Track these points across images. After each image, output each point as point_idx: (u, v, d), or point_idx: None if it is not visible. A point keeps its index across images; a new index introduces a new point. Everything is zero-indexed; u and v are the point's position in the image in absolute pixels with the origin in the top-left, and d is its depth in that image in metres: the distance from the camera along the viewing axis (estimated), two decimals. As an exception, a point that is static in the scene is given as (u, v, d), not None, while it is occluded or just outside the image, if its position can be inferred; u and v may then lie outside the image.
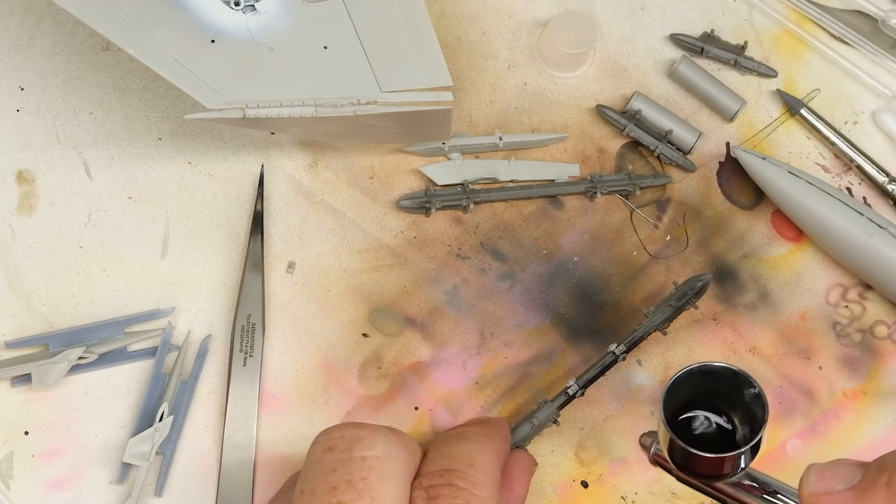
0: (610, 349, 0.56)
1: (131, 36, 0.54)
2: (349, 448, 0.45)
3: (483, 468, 0.47)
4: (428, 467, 0.47)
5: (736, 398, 0.47)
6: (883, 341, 0.59)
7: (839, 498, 0.42)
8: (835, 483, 0.43)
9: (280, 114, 0.55)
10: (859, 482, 0.42)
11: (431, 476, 0.46)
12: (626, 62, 0.63)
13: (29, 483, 0.55)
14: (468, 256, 0.59)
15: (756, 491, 0.47)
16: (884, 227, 0.57)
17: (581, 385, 0.56)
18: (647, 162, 0.61)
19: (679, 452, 0.46)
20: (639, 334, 0.56)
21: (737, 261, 0.60)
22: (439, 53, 0.58)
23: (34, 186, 0.59)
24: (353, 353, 0.57)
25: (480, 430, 0.51)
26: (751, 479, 0.47)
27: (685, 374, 0.46)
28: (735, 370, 0.46)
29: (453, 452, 0.48)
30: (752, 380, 0.46)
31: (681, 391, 0.46)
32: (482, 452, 0.48)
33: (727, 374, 0.46)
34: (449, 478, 0.46)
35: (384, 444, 0.45)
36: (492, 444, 0.50)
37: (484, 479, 0.47)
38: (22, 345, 0.56)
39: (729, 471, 0.46)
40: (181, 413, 0.56)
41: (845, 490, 0.42)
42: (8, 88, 0.61)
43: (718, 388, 0.47)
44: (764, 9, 0.64)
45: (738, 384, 0.46)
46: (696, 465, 0.47)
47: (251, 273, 0.58)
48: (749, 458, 0.46)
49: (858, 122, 0.62)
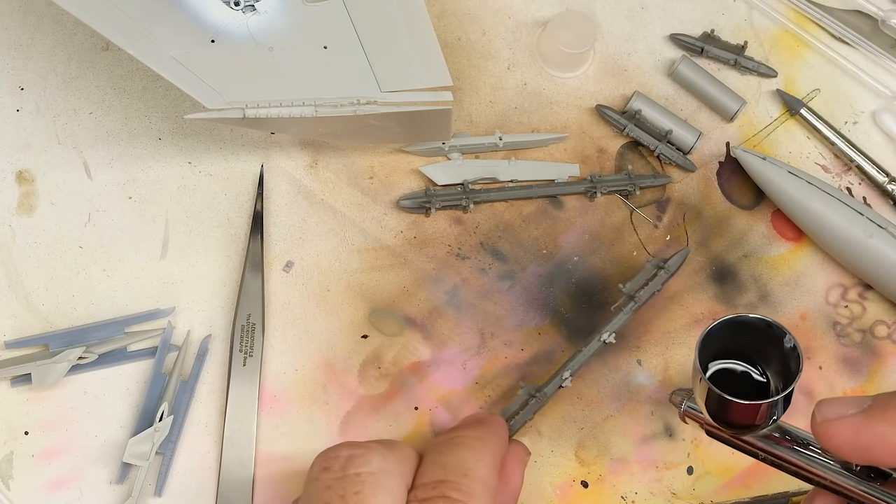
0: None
1: (131, 36, 0.54)
2: (343, 467, 0.46)
3: (478, 476, 0.47)
4: (422, 478, 0.47)
5: (769, 351, 0.46)
6: (883, 341, 0.59)
7: (849, 420, 0.43)
8: (845, 409, 0.43)
9: (280, 114, 0.55)
10: (871, 405, 0.43)
11: (426, 488, 0.47)
12: (626, 62, 0.63)
13: (29, 483, 0.55)
14: (468, 256, 0.59)
15: (787, 443, 0.47)
16: (884, 227, 0.57)
17: (569, 370, 0.56)
18: (647, 162, 0.61)
19: (714, 401, 0.46)
20: (619, 316, 0.57)
21: (737, 261, 0.60)
22: (439, 53, 0.58)
23: (34, 186, 0.60)
24: (353, 353, 0.57)
25: (475, 433, 0.51)
26: (781, 433, 0.47)
27: (720, 325, 0.46)
28: (769, 321, 0.45)
29: (447, 461, 0.48)
30: (786, 331, 0.45)
31: (714, 343, 0.46)
32: (477, 459, 0.48)
33: (761, 326, 0.46)
34: (443, 489, 0.46)
35: (379, 460, 0.47)
36: (487, 447, 0.50)
37: (479, 489, 0.47)
38: (22, 345, 0.56)
39: (762, 421, 0.46)
40: (181, 413, 0.56)
41: (857, 413, 0.43)
42: (8, 88, 0.61)
43: (752, 340, 0.46)
44: (764, 9, 0.64)
45: (772, 336, 0.46)
46: (731, 414, 0.46)
47: (251, 273, 0.58)
48: (781, 409, 0.46)
49: (858, 122, 0.62)
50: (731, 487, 0.56)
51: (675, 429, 0.57)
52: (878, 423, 0.42)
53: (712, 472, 0.57)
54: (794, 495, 0.56)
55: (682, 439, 0.57)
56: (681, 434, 0.57)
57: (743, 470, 0.57)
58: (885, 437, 0.42)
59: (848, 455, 0.44)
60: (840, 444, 0.43)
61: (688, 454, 0.57)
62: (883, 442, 0.42)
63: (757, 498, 0.56)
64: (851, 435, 0.43)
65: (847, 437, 0.43)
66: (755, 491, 0.56)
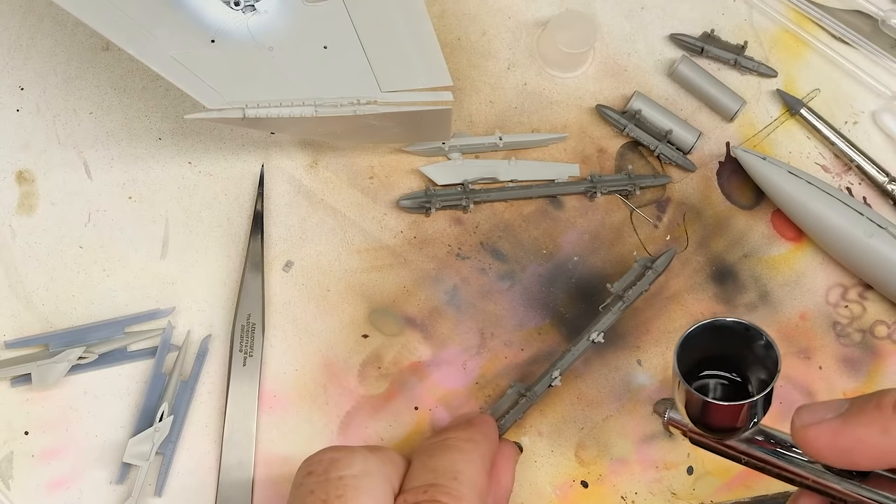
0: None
1: (131, 36, 0.54)
2: (326, 470, 0.47)
3: (467, 479, 0.47)
4: (412, 482, 0.47)
5: (747, 354, 0.47)
6: (883, 341, 0.59)
7: (828, 425, 0.43)
8: (824, 413, 0.43)
9: (280, 114, 0.55)
10: (848, 409, 0.43)
11: (415, 492, 0.47)
12: (626, 62, 0.63)
13: (29, 483, 0.55)
14: (468, 256, 0.59)
15: (769, 446, 0.47)
16: (884, 227, 0.57)
17: (559, 368, 0.56)
18: (647, 162, 0.61)
19: (694, 405, 0.46)
20: (608, 315, 0.58)
21: (737, 261, 0.60)
22: (439, 53, 0.58)
23: (34, 186, 0.60)
24: (353, 353, 0.57)
25: (465, 435, 0.51)
26: (764, 436, 0.47)
27: (698, 329, 0.46)
28: (746, 324, 0.46)
29: (437, 465, 0.48)
30: (763, 332, 0.46)
31: (694, 348, 0.46)
32: (466, 462, 0.48)
33: (738, 329, 0.46)
34: (433, 493, 0.46)
35: (361, 463, 0.47)
36: (476, 449, 0.50)
37: (468, 492, 0.47)
38: (22, 345, 0.56)
39: (742, 423, 0.47)
40: (181, 413, 0.56)
41: (835, 417, 0.43)
42: (8, 88, 0.61)
43: (730, 344, 0.47)
44: (764, 9, 0.64)
45: (750, 339, 0.46)
46: (711, 417, 0.47)
47: (251, 273, 0.58)
48: (762, 411, 0.46)
49: (858, 122, 0.62)
50: (731, 487, 0.56)
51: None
52: (855, 427, 0.42)
53: (712, 472, 0.57)
54: (794, 495, 0.56)
55: (682, 439, 0.57)
56: (680, 434, 0.57)
57: (743, 470, 0.56)
58: (862, 441, 0.42)
59: (828, 459, 0.44)
60: (819, 449, 0.43)
61: (688, 454, 0.57)
62: (860, 445, 0.42)
63: (757, 498, 0.56)
64: (830, 440, 0.43)
65: (826, 442, 0.43)
66: (755, 491, 0.56)
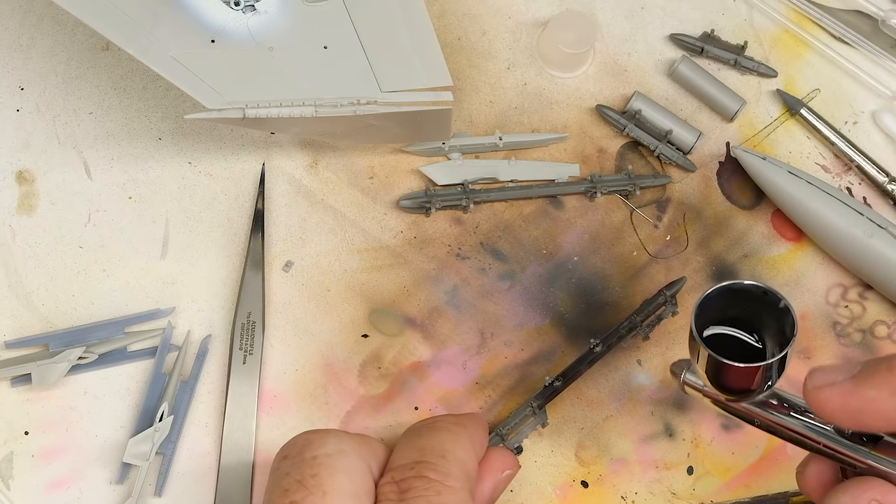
0: (590, 344, 0.57)
1: (131, 36, 0.54)
2: (301, 452, 0.47)
3: (455, 458, 0.47)
4: (399, 460, 0.47)
5: (765, 318, 0.47)
6: (883, 341, 0.59)
7: (840, 387, 0.43)
8: (836, 375, 0.43)
9: (280, 114, 0.55)
10: (860, 371, 0.43)
11: (402, 469, 0.46)
12: (626, 62, 0.63)
13: (29, 483, 0.55)
14: (468, 256, 0.59)
15: (783, 410, 0.47)
16: (884, 227, 0.57)
17: (561, 378, 0.56)
18: (647, 162, 0.61)
19: (711, 365, 0.46)
20: (618, 334, 0.58)
21: (737, 261, 0.60)
22: (439, 53, 0.58)
23: (34, 186, 0.60)
24: (353, 353, 0.57)
25: (454, 419, 0.51)
26: (778, 400, 0.48)
27: (716, 292, 0.46)
28: (765, 287, 0.46)
29: (425, 444, 0.48)
30: (781, 296, 0.46)
31: (711, 311, 0.46)
32: (454, 442, 0.48)
33: (757, 293, 0.46)
34: (420, 469, 0.46)
35: (335, 442, 0.47)
36: (465, 432, 0.49)
37: (456, 470, 0.46)
38: (22, 345, 0.56)
39: (758, 385, 0.47)
40: (181, 413, 0.56)
41: (846, 379, 0.43)
42: (8, 88, 0.61)
43: (748, 308, 0.47)
44: (764, 9, 0.64)
45: (768, 302, 0.46)
46: (727, 378, 0.47)
47: (251, 273, 0.58)
48: (776, 374, 0.46)
49: (858, 122, 0.62)
50: (731, 487, 0.56)
51: (675, 429, 0.57)
52: (866, 389, 0.43)
53: (712, 472, 0.57)
54: (793, 495, 0.56)
55: (682, 439, 0.57)
56: (681, 434, 0.57)
57: (743, 470, 0.57)
58: (873, 402, 0.42)
59: (839, 421, 0.44)
60: (831, 410, 0.43)
61: (688, 454, 0.57)
62: (872, 406, 0.42)
63: (757, 498, 0.56)
64: (842, 401, 0.43)
65: (838, 403, 0.43)
66: (755, 491, 0.56)
